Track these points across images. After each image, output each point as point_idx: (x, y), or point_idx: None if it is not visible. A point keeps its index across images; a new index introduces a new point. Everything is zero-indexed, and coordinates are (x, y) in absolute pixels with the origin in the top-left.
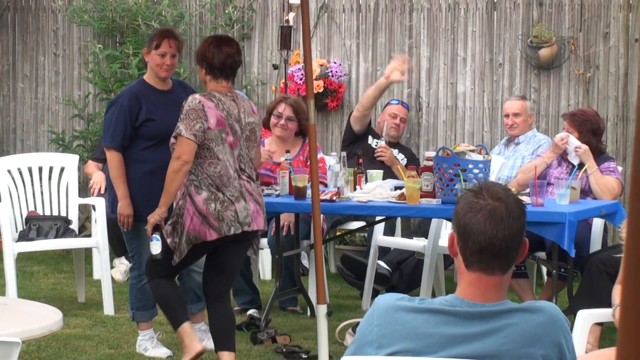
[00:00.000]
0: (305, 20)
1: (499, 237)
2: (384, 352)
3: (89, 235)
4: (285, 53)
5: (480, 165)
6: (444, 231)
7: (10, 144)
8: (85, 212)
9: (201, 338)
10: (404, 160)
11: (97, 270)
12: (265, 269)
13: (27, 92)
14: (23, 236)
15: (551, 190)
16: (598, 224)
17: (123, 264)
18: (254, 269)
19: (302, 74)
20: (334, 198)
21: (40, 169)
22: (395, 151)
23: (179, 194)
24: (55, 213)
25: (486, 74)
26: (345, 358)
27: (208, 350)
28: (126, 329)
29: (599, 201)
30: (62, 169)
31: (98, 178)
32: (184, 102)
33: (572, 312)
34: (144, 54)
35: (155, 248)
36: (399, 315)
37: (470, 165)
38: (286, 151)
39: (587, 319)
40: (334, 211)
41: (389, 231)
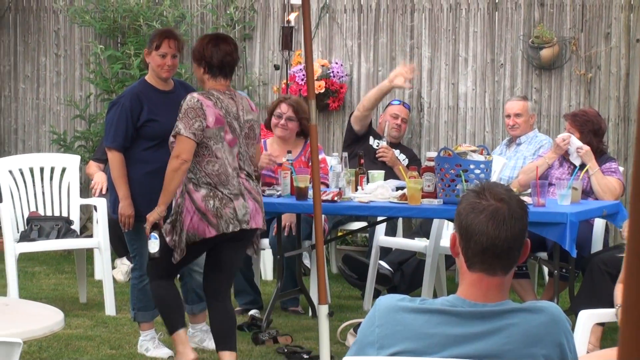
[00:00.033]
0: (307, 21)
1: (501, 238)
2: (386, 353)
3: (91, 236)
4: (287, 53)
5: (482, 166)
6: (445, 231)
7: (12, 144)
8: (86, 213)
9: (202, 338)
10: (406, 161)
11: (99, 271)
12: (266, 270)
13: (29, 93)
14: (24, 237)
15: (552, 190)
16: (599, 224)
17: (124, 265)
18: (256, 270)
19: (304, 75)
20: (336, 198)
21: (41, 170)
22: (396, 152)
23: (177, 192)
24: (57, 213)
25: (487, 74)
26: (346, 359)
27: (209, 351)
28: (127, 329)
29: (601, 201)
30: (64, 170)
31: (99, 178)
32: (183, 101)
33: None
34: (145, 55)
35: (153, 246)
36: (400, 315)
37: (471, 166)
38: (288, 152)
39: (589, 319)
40: (336, 211)
41: (391, 231)
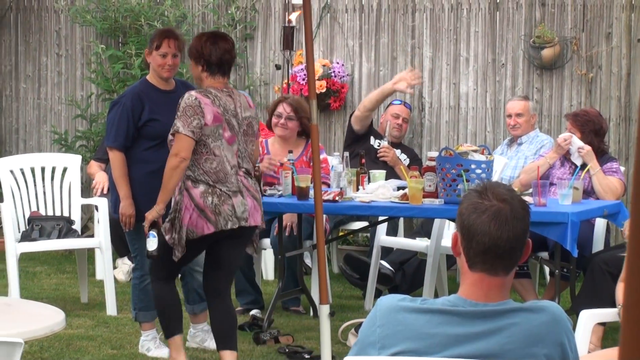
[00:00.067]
0: (308, 21)
1: (503, 238)
2: (387, 353)
3: (92, 236)
4: (288, 53)
5: (483, 166)
6: (446, 231)
7: (13, 144)
8: (87, 213)
9: (203, 338)
10: (407, 161)
11: (100, 271)
12: (267, 269)
13: (30, 93)
14: (26, 236)
15: (554, 190)
16: (600, 224)
17: (126, 265)
18: (257, 269)
19: (305, 75)
20: (337, 198)
21: (42, 169)
22: (397, 151)
23: (176, 190)
24: (58, 213)
25: (489, 74)
26: (348, 359)
27: (210, 350)
28: (129, 329)
29: (602, 201)
30: (65, 169)
31: (100, 178)
32: (180, 99)
33: (575, 312)
34: (146, 55)
35: (152, 245)
36: (401, 315)
37: (472, 166)
38: (289, 151)
39: (590, 318)
40: (337, 211)
41: (392, 231)
